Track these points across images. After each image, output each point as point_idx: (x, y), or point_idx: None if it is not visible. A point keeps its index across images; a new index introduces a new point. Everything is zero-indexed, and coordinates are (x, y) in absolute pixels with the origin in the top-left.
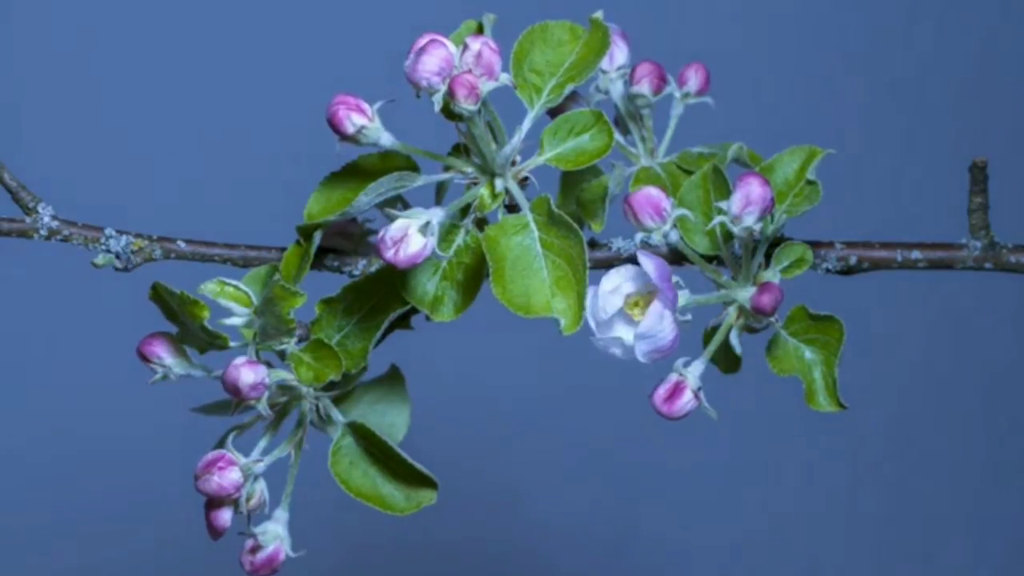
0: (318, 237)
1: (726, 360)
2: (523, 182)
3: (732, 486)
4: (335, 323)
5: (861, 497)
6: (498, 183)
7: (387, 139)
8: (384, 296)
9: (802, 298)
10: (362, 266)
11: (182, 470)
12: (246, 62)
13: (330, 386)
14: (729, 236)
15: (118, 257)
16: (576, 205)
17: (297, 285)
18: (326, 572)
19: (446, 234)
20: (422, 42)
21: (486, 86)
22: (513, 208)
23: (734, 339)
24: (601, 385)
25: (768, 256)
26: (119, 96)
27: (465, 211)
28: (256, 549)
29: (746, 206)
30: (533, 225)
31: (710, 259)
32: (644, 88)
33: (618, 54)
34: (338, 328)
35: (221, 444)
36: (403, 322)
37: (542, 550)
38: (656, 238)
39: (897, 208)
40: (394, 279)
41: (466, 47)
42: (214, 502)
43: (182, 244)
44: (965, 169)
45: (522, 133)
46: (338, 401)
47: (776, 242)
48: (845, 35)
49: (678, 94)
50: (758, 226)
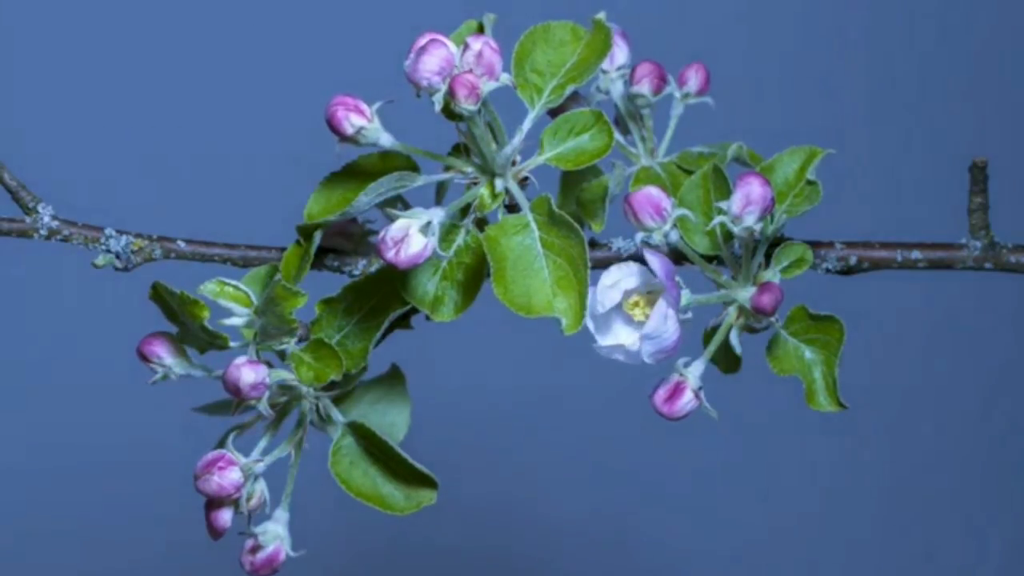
0: (318, 237)
1: (726, 360)
2: (523, 182)
3: (732, 486)
4: (335, 323)
5: (861, 497)
6: (498, 183)
7: (386, 139)
8: (384, 296)
9: (802, 298)
10: (362, 266)
11: (182, 470)
12: (246, 62)
13: (330, 386)
14: (729, 236)
15: (118, 257)
16: (576, 205)
17: (297, 285)
18: (326, 572)
19: (446, 234)
20: (422, 42)
21: (487, 86)
22: (513, 208)
23: (734, 339)
24: (601, 385)
25: (768, 256)
26: (120, 96)
27: (465, 211)
28: (256, 549)
29: (746, 206)
30: (534, 225)
31: (710, 259)
32: (644, 88)
33: (618, 54)
34: (338, 328)
35: (221, 444)
36: (403, 322)
37: (542, 548)
38: (656, 238)
39: (897, 208)
40: (394, 279)
41: (467, 47)
42: (214, 502)
43: (182, 244)
44: (965, 169)
45: (523, 133)
46: (338, 401)
47: (776, 242)
48: (845, 35)
49: (678, 94)
50: (758, 226)
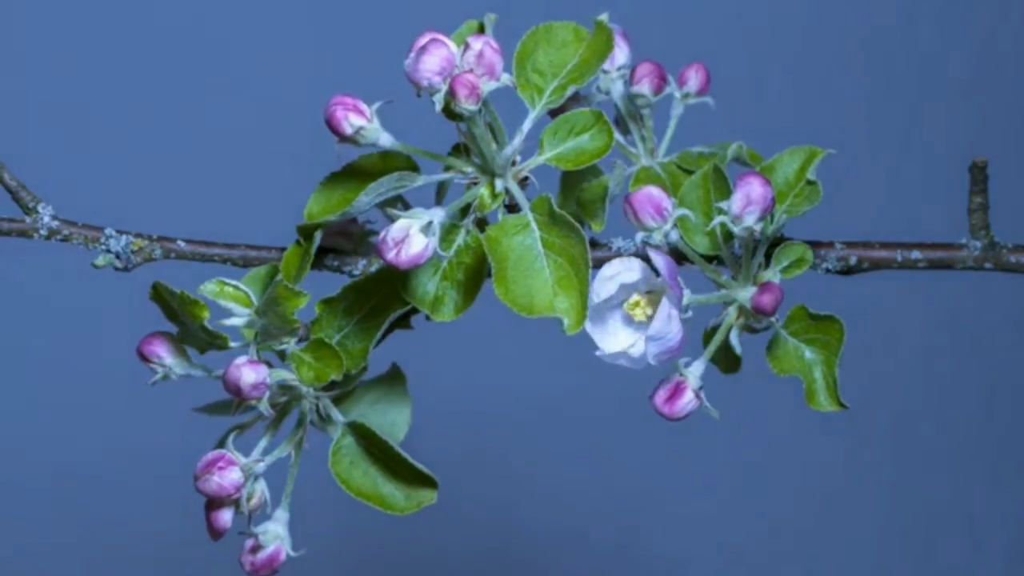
0: (318, 237)
1: (726, 360)
2: (523, 182)
3: (732, 486)
4: (335, 323)
5: (861, 497)
6: (498, 183)
7: (386, 139)
8: (384, 296)
9: (802, 298)
10: (362, 266)
11: (182, 470)
12: (246, 62)
13: (330, 386)
14: (729, 236)
15: (118, 257)
16: (576, 205)
17: (297, 285)
18: (326, 572)
19: (446, 234)
20: (423, 41)
21: (487, 86)
22: (513, 208)
23: (734, 339)
24: (601, 385)
25: (768, 256)
26: (119, 96)
27: (465, 211)
28: (256, 549)
29: (747, 206)
30: (534, 225)
31: (710, 259)
32: (644, 88)
33: (619, 54)
34: (338, 328)
35: (221, 444)
36: (403, 322)
37: (542, 547)
38: (657, 238)
39: (897, 208)
40: (394, 279)
41: (467, 47)
42: (214, 502)
43: (182, 244)
44: (965, 169)
45: (523, 134)
46: (338, 401)
47: (776, 242)
48: (845, 35)
49: (678, 94)
50: (759, 226)
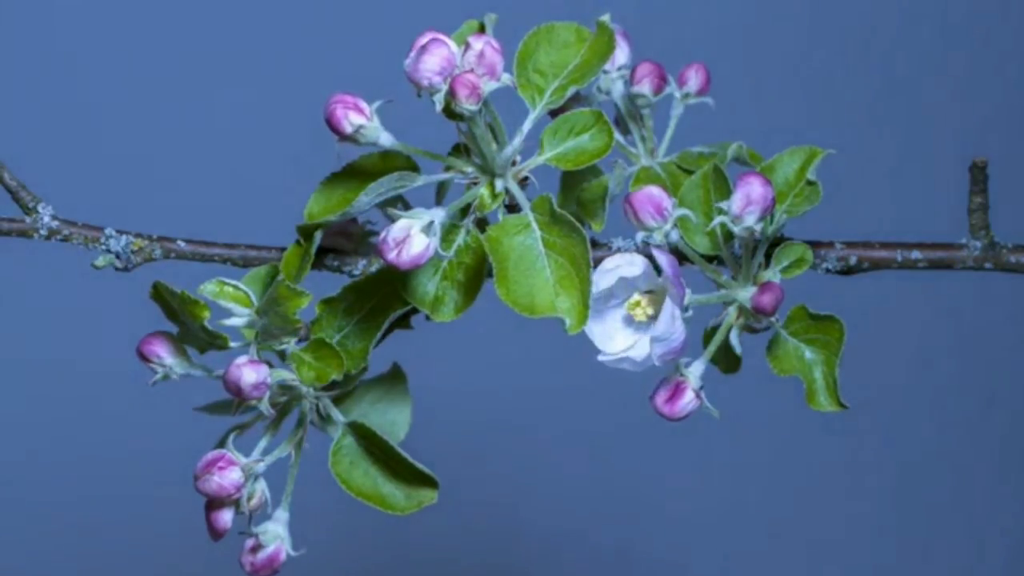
0: (318, 237)
1: (726, 360)
2: (523, 182)
3: (732, 486)
4: (335, 323)
5: (861, 497)
6: (498, 183)
7: (386, 139)
8: (384, 296)
9: (802, 298)
10: (362, 266)
11: (182, 470)
12: (246, 62)
13: (331, 386)
14: (729, 236)
15: (118, 257)
16: (576, 205)
17: (297, 285)
18: (327, 572)
19: (446, 234)
20: (423, 41)
21: (488, 86)
22: (513, 208)
23: (734, 339)
24: (601, 384)
25: (768, 256)
26: (119, 96)
27: (465, 211)
28: (257, 549)
29: (747, 206)
30: (535, 225)
31: (710, 259)
32: (644, 88)
33: (619, 54)
34: (338, 328)
35: (221, 444)
36: (403, 322)
37: (542, 546)
38: (657, 237)
39: (897, 208)
40: (394, 279)
41: (468, 46)
42: (214, 502)
43: (182, 244)
44: (965, 169)
45: (523, 134)
46: (338, 401)
47: (776, 242)
48: (845, 35)
49: (678, 94)
50: (759, 226)
